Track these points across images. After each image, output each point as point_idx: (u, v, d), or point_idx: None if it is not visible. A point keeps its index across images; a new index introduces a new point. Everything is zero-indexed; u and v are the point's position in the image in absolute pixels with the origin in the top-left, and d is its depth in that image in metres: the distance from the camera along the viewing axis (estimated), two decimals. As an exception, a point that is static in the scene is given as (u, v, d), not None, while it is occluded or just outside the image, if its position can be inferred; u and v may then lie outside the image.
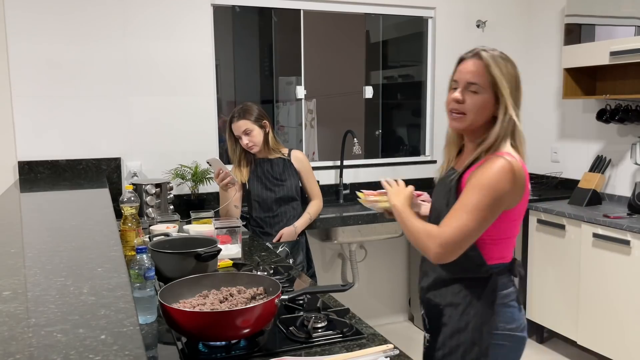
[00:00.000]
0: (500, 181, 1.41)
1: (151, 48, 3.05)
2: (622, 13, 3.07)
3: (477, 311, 1.51)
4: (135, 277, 1.45)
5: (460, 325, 1.53)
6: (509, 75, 1.48)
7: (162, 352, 1.33)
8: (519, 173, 1.44)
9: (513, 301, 1.55)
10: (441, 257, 1.44)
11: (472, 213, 1.42)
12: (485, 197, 1.41)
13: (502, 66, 1.48)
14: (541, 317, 3.36)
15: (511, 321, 1.54)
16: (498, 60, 1.49)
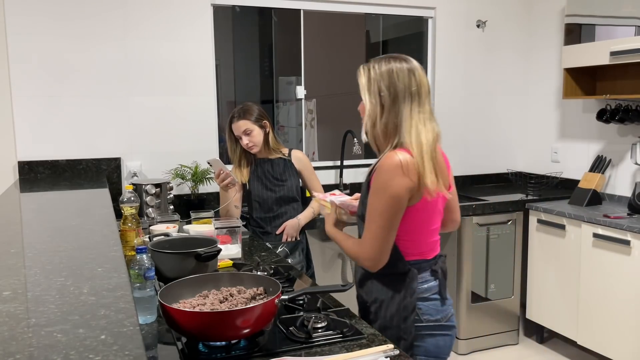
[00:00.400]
0: (391, 179, 1.48)
1: (151, 48, 3.05)
2: (622, 13, 3.07)
3: (399, 306, 1.58)
4: (135, 277, 1.45)
5: (385, 321, 1.60)
6: (378, 80, 1.54)
7: (162, 352, 1.33)
8: (407, 165, 1.48)
9: (435, 294, 1.61)
10: (373, 267, 1.56)
11: (376, 220, 1.51)
12: (383, 199, 1.49)
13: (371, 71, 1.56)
14: (541, 317, 3.36)
15: (435, 313, 1.61)
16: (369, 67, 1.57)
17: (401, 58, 1.57)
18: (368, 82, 1.56)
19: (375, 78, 1.54)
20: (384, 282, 1.61)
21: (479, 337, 3.38)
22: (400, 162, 1.47)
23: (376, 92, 1.54)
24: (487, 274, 3.36)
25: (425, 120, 1.55)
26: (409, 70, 1.54)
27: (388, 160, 1.49)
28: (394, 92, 1.52)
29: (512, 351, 3.40)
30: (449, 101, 3.85)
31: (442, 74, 3.81)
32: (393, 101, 1.53)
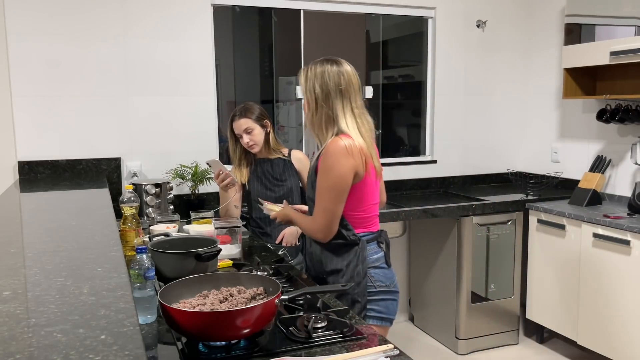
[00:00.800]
0: (337, 160, 1.72)
1: (151, 48, 3.05)
2: (622, 13, 3.07)
3: (353, 273, 1.81)
4: (135, 277, 1.45)
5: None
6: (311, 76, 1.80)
7: (162, 352, 1.33)
8: (351, 148, 1.73)
9: (383, 263, 1.88)
10: (324, 238, 1.82)
11: (325, 196, 1.76)
12: (330, 177, 1.74)
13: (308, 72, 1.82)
14: (541, 317, 3.36)
15: (384, 279, 1.86)
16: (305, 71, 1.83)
17: (333, 60, 1.83)
18: (305, 81, 1.82)
19: (310, 78, 1.80)
20: (339, 253, 1.84)
21: (479, 337, 3.38)
22: (345, 145, 1.73)
23: (312, 90, 1.80)
24: (487, 274, 3.36)
25: (359, 114, 1.82)
26: (339, 71, 1.80)
27: (333, 145, 1.74)
28: (325, 89, 1.78)
29: (512, 351, 3.40)
30: (449, 101, 3.85)
31: (442, 74, 3.81)
32: (326, 97, 1.78)
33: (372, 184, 1.84)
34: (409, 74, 4.03)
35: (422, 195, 3.71)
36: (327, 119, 1.80)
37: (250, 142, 2.53)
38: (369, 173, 1.80)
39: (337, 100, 1.80)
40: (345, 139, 1.75)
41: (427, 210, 3.16)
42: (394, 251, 3.81)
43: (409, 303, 3.88)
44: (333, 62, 1.82)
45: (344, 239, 1.83)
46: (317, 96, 1.80)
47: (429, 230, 3.58)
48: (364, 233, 1.86)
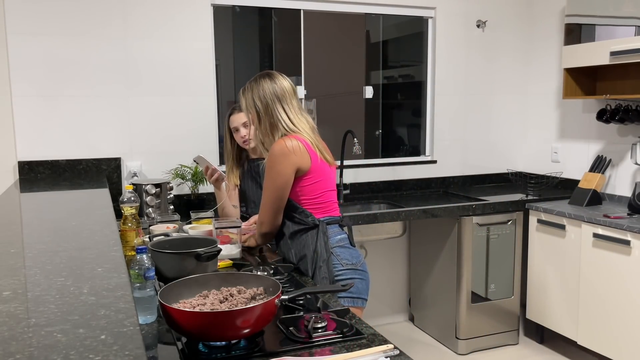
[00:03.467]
0: (276, 159, 1.92)
1: (151, 48, 3.05)
2: (622, 13, 3.07)
3: (319, 255, 1.96)
4: (135, 277, 1.45)
5: (312, 269, 1.97)
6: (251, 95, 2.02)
7: (162, 352, 1.33)
8: (292, 143, 1.92)
9: (347, 244, 2.05)
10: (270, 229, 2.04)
11: (266, 192, 1.98)
12: (270, 176, 1.95)
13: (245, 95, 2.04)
14: (541, 317, 3.36)
15: (351, 258, 2.02)
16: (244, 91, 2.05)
17: (265, 74, 2.04)
18: (245, 100, 2.02)
19: (248, 95, 2.02)
20: (302, 239, 2.01)
21: (479, 337, 3.38)
22: (286, 145, 1.92)
23: (252, 105, 2.00)
24: (487, 274, 3.36)
25: (296, 114, 2.01)
26: (271, 81, 2.01)
27: (276, 146, 1.93)
28: (264, 100, 1.98)
29: (512, 351, 3.40)
30: (449, 101, 3.85)
31: (442, 74, 3.81)
32: (265, 107, 1.99)
33: (324, 172, 2.02)
34: (409, 74, 4.03)
35: (422, 195, 3.71)
36: (270, 126, 1.99)
37: (247, 136, 2.53)
38: (318, 164, 1.98)
39: (276, 106, 1.99)
40: (288, 139, 1.94)
41: (427, 210, 3.16)
42: (393, 252, 3.81)
43: (409, 303, 3.88)
44: (265, 76, 2.04)
45: (304, 224, 2.01)
46: (258, 108, 2.00)
47: (429, 230, 3.58)
48: (325, 217, 2.03)
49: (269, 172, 1.96)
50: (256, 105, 2.01)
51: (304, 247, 2.02)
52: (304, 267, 2.03)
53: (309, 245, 2.01)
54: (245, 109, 2.05)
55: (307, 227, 2.02)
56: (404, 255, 3.85)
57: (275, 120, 2.00)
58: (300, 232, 2.03)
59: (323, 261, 1.97)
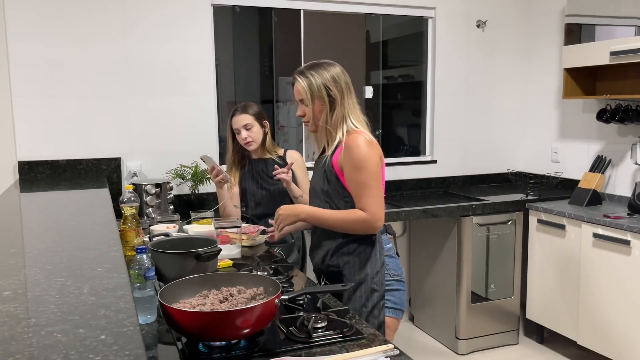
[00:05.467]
0: (368, 152, 1.79)
1: (151, 48, 3.05)
2: (622, 13, 3.07)
3: (371, 264, 1.87)
4: (135, 277, 1.45)
5: (360, 278, 1.87)
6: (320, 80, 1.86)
7: (162, 352, 1.33)
8: (372, 140, 1.83)
9: (394, 253, 1.98)
10: (379, 227, 1.84)
11: (372, 185, 1.80)
12: (369, 168, 1.79)
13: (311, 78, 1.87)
14: (541, 317, 3.36)
15: (396, 269, 1.95)
16: (308, 75, 1.88)
17: (329, 63, 1.91)
18: (313, 88, 1.86)
19: (319, 83, 1.86)
20: (357, 246, 1.88)
21: (479, 337, 3.38)
22: (366, 139, 1.80)
23: (324, 94, 1.85)
24: (487, 274, 3.36)
25: (358, 109, 1.92)
26: (341, 71, 1.91)
27: (356, 140, 1.79)
28: (340, 90, 1.86)
29: (512, 351, 3.40)
30: (449, 101, 3.85)
31: (442, 74, 3.81)
32: (341, 96, 1.86)
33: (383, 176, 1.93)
34: (409, 74, 4.03)
35: (422, 195, 3.71)
36: (341, 118, 1.87)
37: (248, 138, 2.53)
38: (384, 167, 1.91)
39: (349, 99, 1.89)
40: (361, 134, 1.83)
41: (427, 210, 3.16)
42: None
43: (409, 303, 3.88)
44: (330, 65, 1.91)
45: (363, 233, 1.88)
46: (335, 98, 1.86)
47: (429, 230, 3.58)
48: None
49: (364, 165, 1.78)
50: (331, 94, 1.86)
51: (354, 253, 1.88)
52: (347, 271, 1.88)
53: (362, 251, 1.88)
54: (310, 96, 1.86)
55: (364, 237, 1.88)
56: (404, 255, 3.84)
57: (346, 112, 1.88)
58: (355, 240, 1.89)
59: (376, 272, 1.88)
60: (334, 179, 1.87)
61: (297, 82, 1.90)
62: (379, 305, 1.87)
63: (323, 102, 1.86)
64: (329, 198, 1.89)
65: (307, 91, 1.87)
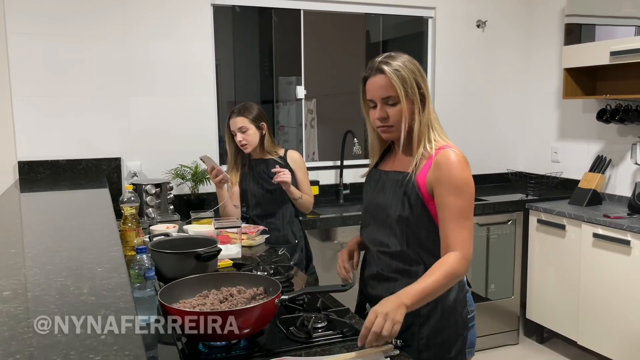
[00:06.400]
0: (469, 174, 1.51)
1: (151, 48, 3.05)
2: (622, 13, 3.07)
3: (454, 303, 1.55)
4: (135, 277, 1.45)
5: (442, 322, 1.52)
6: (411, 75, 1.49)
7: (162, 352, 1.33)
8: (466, 159, 1.52)
9: (468, 285, 1.68)
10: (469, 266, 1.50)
11: (469, 216, 1.48)
12: (471, 194, 1.49)
13: (403, 71, 1.49)
14: (541, 317, 3.36)
15: (472, 303, 1.66)
16: (398, 67, 1.49)
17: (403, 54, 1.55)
18: (406, 82, 1.48)
19: (411, 78, 1.49)
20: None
21: (479, 337, 3.36)
22: (464, 156, 1.50)
23: (415, 90, 1.49)
24: (487, 274, 3.36)
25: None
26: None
27: (455, 157, 1.48)
28: (426, 84, 1.53)
29: (512, 351, 3.40)
30: (449, 101, 3.85)
31: (442, 74, 3.81)
32: (428, 94, 1.53)
33: None
34: (409, 74, 4.03)
35: (422, 195, 3.71)
36: (428, 125, 1.53)
37: (243, 141, 2.52)
38: None
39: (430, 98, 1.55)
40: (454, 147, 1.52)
41: (427, 210, 3.15)
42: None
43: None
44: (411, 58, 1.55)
45: None
46: (425, 98, 1.52)
47: (429, 230, 3.57)
48: None
49: (463, 190, 1.46)
50: (420, 90, 1.51)
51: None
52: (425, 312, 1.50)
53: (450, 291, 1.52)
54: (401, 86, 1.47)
55: None
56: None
57: (432, 118, 1.54)
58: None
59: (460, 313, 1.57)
60: (420, 203, 1.50)
61: (384, 74, 1.48)
62: (461, 354, 1.56)
63: (415, 101, 1.50)
64: (408, 227, 1.52)
65: (399, 86, 1.46)
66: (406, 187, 1.51)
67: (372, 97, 1.52)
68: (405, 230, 1.52)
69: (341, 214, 3.12)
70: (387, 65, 1.48)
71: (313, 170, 3.46)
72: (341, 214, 3.12)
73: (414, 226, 1.52)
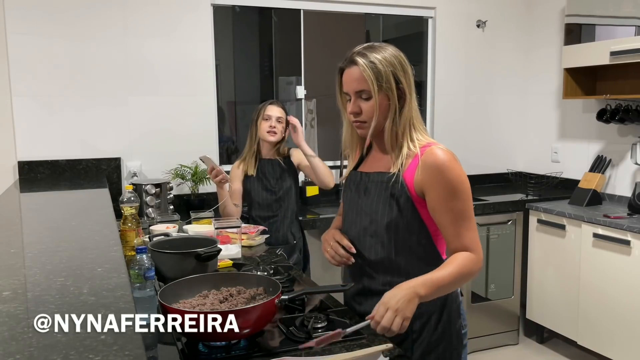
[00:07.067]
0: (462, 172, 1.39)
1: (151, 48, 3.05)
2: (622, 13, 3.07)
3: (447, 315, 1.43)
4: (135, 277, 1.45)
5: (437, 337, 1.42)
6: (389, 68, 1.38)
7: (162, 352, 1.33)
8: (454, 156, 1.40)
9: (461, 296, 1.51)
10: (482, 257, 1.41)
11: (471, 215, 1.41)
12: (468, 193, 1.41)
13: (380, 64, 1.38)
14: (541, 317, 3.36)
15: (465, 317, 1.51)
16: (374, 59, 1.38)
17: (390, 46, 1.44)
18: (380, 75, 1.37)
19: (387, 71, 1.37)
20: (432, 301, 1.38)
21: (479, 337, 3.38)
22: (452, 154, 1.39)
23: (391, 85, 1.38)
24: (487, 274, 3.35)
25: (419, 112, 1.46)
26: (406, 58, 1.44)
27: (444, 156, 1.36)
28: (409, 80, 1.41)
29: (512, 351, 3.40)
30: (449, 101, 3.85)
31: (442, 74, 3.81)
32: (410, 90, 1.40)
33: None
34: (409, 74, 4.03)
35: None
36: (408, 122, 1.41)
37: (274, 128, 2.58)
38: None
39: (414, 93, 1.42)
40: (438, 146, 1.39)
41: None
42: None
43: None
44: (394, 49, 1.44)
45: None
46: (403, 93, 1.40)
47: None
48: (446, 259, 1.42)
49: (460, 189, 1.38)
50: (399, 83, 1.39)
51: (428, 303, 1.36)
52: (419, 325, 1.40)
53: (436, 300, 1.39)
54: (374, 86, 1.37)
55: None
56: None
57: (413, 115, 1.42)
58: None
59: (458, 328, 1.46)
60: (410, 206, 1.39)
61: (358, 66, 1.39)
62: None
63: (390, 97, 1.39)
64: (397, 233, 1.40)
65: (372, 79, 1.37)
66: (393, 189, 1.40)
67: (347, 89, 1.44)
68: (394, 237, 1.41)
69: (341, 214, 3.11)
70: (362, 57, 1.40)
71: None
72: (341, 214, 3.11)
73: (403, 232, 1.40)
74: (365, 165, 1.53)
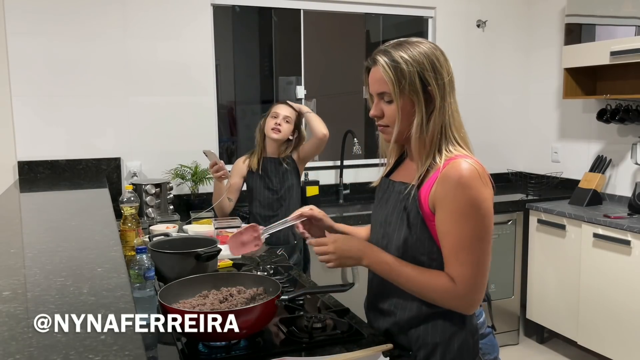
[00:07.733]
0: (484, 193, 1.20)
1: (151, 48, 3.05)
2: (622, 13, 3.07)
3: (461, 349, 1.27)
4: (135, 277, 1.45)
5: None
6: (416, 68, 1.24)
7: (162, 352, 1.33)
8: (483, 173, 1.21)
9: (489, 327, 1.37)
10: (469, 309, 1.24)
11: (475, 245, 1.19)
12: (480, 219, 1.19)
13: (405, 64, 1.24)
14: (541, 317, 3.36)
15: (492, 350, 1.35)
16: (399, 58, 1.25)
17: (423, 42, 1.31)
18: (402, 77, 1.23)
19: (412, 71, 1.23)
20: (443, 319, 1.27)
21: (479, 337, 3.38)
22: (478, 170, 1.20)
23: (416, 87, 1.23)
24: (487, 274, 3.35)
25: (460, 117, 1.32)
26: (442, 54, 1.30)
27: (465, 171, 1.19)
28: (441, 85, 1.25)
29: (512, 351, 3.40)
30: (449, 101, 3.85)
31: (442, 74, 3.81)
32: (442, 97, 1.25)
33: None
34: (409, 74, 4.03)
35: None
36: (438, 129, 1.26)
37: (279, 126, 2.57)
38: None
39: (452, 100, 1.27)
40: (466, 160, 1.22)
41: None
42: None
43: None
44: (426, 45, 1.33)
45: None
46: (432, 96, 1.24)
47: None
48: None
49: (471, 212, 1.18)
50: (427, 85, 1.24)
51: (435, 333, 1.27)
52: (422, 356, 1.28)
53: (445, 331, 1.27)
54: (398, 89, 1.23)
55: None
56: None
57: (447, 120, 1.27)
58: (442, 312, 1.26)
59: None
60: (419, 222, 1.25)
61: (378, 66, 1.28)
62: None
63: (416, 101, 1.24)
64: (406, 251, 1.28)
65: (393, 81, 1.23)
66: (406, 202, 1.27)
67: (370, 91, 1.32)
68: (403, 256, 1.27)
69: (341, 214, 3.12)
70: (384, 55, 1.27)
71: (313, 170, 3.46)
72: (341, 214, 3.12)
73: (413, 250, 1.27)
74: (395, 173, 1.43)
